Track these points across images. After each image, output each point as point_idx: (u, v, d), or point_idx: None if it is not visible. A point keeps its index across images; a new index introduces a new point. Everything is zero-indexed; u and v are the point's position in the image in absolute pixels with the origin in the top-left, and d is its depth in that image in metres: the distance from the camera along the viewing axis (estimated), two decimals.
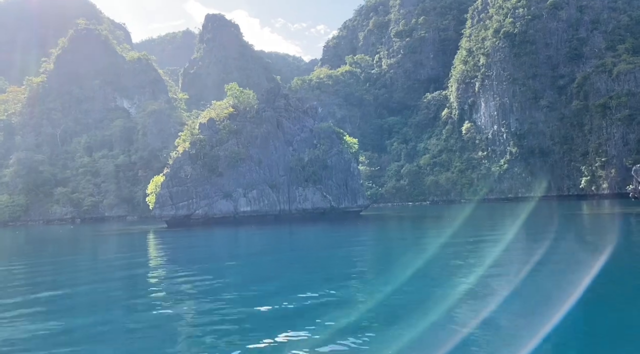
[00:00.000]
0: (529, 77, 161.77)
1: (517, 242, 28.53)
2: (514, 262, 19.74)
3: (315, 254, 28.07)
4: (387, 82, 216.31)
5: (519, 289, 13.82)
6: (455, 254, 23.45)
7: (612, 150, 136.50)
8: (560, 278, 15.63)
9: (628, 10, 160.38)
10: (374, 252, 28.45)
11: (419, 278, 16.52)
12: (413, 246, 29.45)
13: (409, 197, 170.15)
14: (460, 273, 17.19)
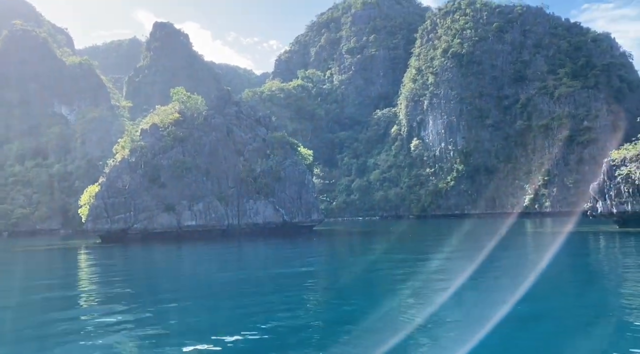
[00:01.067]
0: (476, 97, 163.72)
1: (456, 260, 28.21)
2: (451, 281, 19.39)
3: (265, 274, 24.58)
4: (338, 98, 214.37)
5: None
6: (401, 272, 22.82)
7: (554, 169, 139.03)
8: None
9: (567, 36, 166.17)
10: (327, 272, 25.46)
11: (375, 305, 14.94)
12: (366, 267, 26.12)
13: (359, 212, 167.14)
14: (409, 292, 17.02)
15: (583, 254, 30.50)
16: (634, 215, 43.44)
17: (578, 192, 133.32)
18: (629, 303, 14.54)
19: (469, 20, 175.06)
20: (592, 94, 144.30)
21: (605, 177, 46.11)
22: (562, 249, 33.42)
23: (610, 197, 44.92)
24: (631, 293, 16.45)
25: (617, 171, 44.61)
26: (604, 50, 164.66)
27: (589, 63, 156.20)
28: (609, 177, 45.72)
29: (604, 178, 46.14)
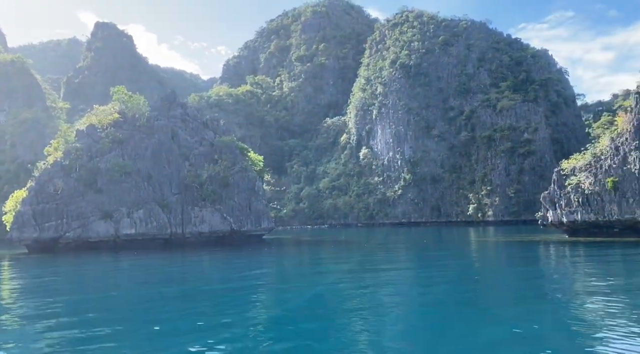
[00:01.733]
0: (423, 108, 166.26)
1: (404, 271, 27.54)
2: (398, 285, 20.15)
3: (207, 289, 21.96)
4: (288, 105, 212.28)
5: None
6: (350, 287, 21.48)
7: (496, 179, 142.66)
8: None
9: (509, 51, 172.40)
10: (276, 287, 23.14)
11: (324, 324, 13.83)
12: (316, 279, 24.42)
13: (308, 220, 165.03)
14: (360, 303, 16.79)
15: (533, 264, 29.71)
16: (584, 224, 43.75)
17: (519, 202, 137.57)
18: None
19: (417, 32, 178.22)
20: (531, 107, 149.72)
21: (555, 186, 46.35)
22: (514, 259, 32.62)
23: (560, 206, 45.14)
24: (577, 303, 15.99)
25: (567, 181, 44.94)
26: (542, 66, 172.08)
27: (529, 78, 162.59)
28: (559, 186, 45.98)
29: (554, 187, 46.36)
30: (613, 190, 41.60)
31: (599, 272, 24.66)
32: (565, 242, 42.98)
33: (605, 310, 14.41)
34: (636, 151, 40.95)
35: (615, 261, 29.83)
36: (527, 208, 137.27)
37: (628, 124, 42.10)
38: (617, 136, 43.45)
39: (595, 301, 15.73)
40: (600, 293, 17.70)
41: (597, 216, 42.55)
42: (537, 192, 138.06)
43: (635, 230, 41.60)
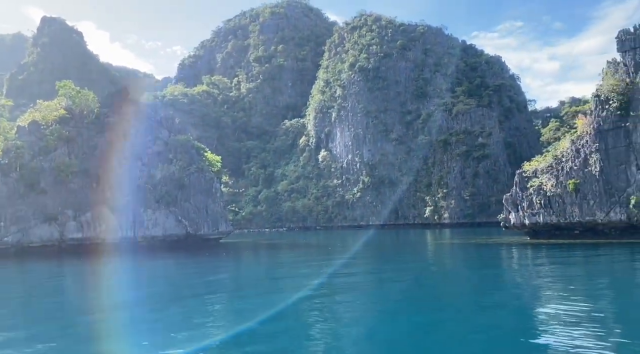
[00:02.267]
0: (381, 111, 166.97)
1: (365, 275, 27.05)
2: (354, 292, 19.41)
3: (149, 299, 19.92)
4: (245, 106, 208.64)
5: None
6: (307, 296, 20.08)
7: (452, 182, 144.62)
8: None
9: (464, 57, 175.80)
10: (232, 300, 20.73)
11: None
12: (280, 289, 22.78)
13: (266, 223, 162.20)
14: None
15: (495, 266, 29.07)
16: (545, 226, 43.85)
17: (474, 205, 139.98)
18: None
19: (375, 36, 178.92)
20: (486, 112, 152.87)
21: (517, 188, 46.35)
22: (479, 262, 31.87)
23: (522, 208, 45.14)
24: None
25: (529, 183, 44.99)
26: (495, 72, 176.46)
27: (483, 83, 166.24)
28: (521, 188, 46.01)
29: (516, 189, 46.37)
30: (574, 192, 41.81)
31: (562, 275, 24.31)
32: (527, 244, 42.88)
33: (569, 313, 14.24)
34: (596, 153, 41.29)
35: (576, 263, 29.54)
36: (482, 211, 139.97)
37: (588, 126, 42.47)
38: (578, 139, 43.80)
39: (558, 305, 15.45)
40: (561, 296, 17.52)
41: (559, 218, 42.70)
42: (491, 195, 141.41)
43: (596, 232, 41.93)
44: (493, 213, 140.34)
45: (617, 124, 41.01)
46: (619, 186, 40.29)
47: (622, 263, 28.63)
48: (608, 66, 42.74)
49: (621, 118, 40.88)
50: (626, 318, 13.68)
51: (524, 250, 38.39)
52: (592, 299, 16.82)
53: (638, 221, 39.05)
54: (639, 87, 40.25)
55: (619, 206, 39.95)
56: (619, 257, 31.77)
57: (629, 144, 40.37)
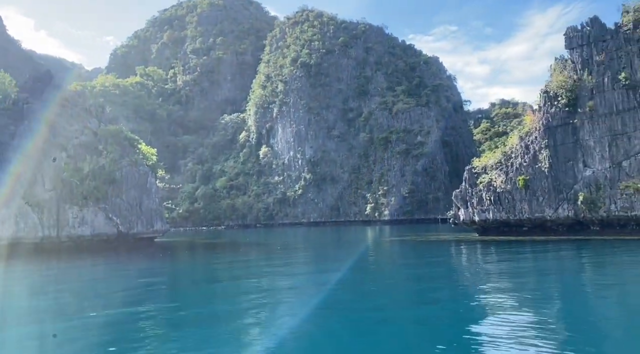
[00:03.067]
0: (323, 108, 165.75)
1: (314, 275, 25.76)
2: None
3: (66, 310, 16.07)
4: (182, 99, 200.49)
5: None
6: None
7: (392, 180, 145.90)
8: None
9: (404, 57, 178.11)
10: (168, 305, 18.13)
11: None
12: (227, 296, 19.79)
13: (204, 221, 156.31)
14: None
15: (444, 264, 27.86)
16: (495, 223, 43.55)
17: (412, 202, 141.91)
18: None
19: (317, 32, 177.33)
20: (424, 111, 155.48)
21: (466, 184, 45.81)
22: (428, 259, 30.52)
23: (472, 204, 44.63)
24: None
25: (479, 179, 44.56)
26: (434, 73, 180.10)
27: (422, 83, 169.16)
28: (471, 185, 45.50)
29: (466, 186, 45.81)
30: (524, 189, 41.67)
31: (512, 272, 23.50)
32: (476, 241, 42.34)
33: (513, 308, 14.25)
34: (546, 149, 41.31)
35: (525, 259, 28.83)
36: (420, 208, 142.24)
37: (537, 122, 42.48)
38: (526, 135, 43.77)
39: (503, 300, 15.36)
40: (507, 292, 17.49)
41: (508, 215, 42.46)
42: (429, 192, 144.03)
43: (544, 228, 42.02)
44: (431, 210, 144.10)
45: (565, 121, 41.28)
46: (567, 183, 40.53)
47: (570, 260, 28.19)
48: (556, 63, 43.03)
49: (569, 115, 41.18)
50: (566, 312, 13.80)
51: (473, 247, 37.66)
52: (536, 294, 16.86)
53: (585, 217, 39.40)
54: (586, 84, 40.65)
55: (567, 202, 40.19)
56: (566, 253, 31.49)
57: (577, 141, 40.71)
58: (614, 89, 39.42)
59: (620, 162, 38.51)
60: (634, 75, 38.96)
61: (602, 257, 28.43)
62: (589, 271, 23.49)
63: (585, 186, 39.55)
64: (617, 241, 35.08)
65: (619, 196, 37.79)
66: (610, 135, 39.06)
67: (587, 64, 41.16)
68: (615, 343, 10.50)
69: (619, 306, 14.50)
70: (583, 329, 11.65)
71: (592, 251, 31.77)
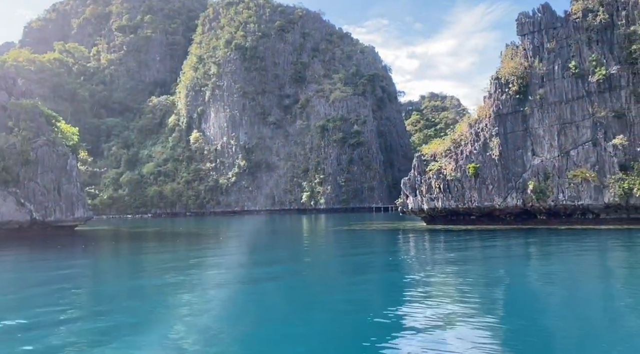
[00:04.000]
0: (259, 93, 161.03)
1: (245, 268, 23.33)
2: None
3: None
4: (106, 79, 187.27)
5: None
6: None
7: (328, 168, 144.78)
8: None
9: (341, 45, 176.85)
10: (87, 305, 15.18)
11: None
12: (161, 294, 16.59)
13: (129, 209, 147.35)
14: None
15: (393, 253, 26.08)
16: (443, 211, 42.59)
17: (348, 191, 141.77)
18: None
19: (252, 14, 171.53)
20: (361, 100, 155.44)
21: (415, 172, 44.53)
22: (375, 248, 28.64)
23: (421, 193, 43.42)
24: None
25: (429, 166, 43.38)
26: (370, 62, 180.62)
27: (358, 72, 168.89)
28: (420, 172, 44.27)
29: (414, 173, 44.53)
30: (474, 177, 40.92)
31: (461, 260, 22.29)
32: (424, 230, 41.17)
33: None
34: (496, 137, 40.70)
35: (473, 248, 27.63)
36: (355, 196, 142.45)
37: (488, 109, 41.80)
38: (476, 122, 43.03)
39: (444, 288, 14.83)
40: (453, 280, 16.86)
41: (457, 203, 41.60)
42: (364, 181, 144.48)
43: (492, 217, 41.59)
44: (365, 199, 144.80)
45: (515, 108, 40.88)
46: (516, 171, 40.22)
47: (519, 248, 27.39)
48: (507, 49, 42.54)
49: (520, 102, 40.80)
50: (503, 298, 13.54)
51: (420, 236, 36.33)
52: (480, 282, 16.38)
53: (533, 206, 39.27)
54: (537, 71, 40.38)
55: (516, 191, 39.89)
56: (515, 242, 30.77)
57: (526, 129, 40.45)
58: (564, 77, 39.39)
59: (569, 151, 38.61)
60: (582, 63, 39.09)
61: (548, 246, 27.84)
62: (535, 260, 22.77)
63: (534, 174, 39.40)
64: (564, 231, 35.05)
65: (566, 185, 37.87)
66: (559, 124, 39.05)
67: (538, 51, 40.92)
68: (553, 330, 10.24)
69: (563, 295, 14.07)
70: (521, 317, 11.29)
71: (539, 239, 31.21)
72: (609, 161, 36.98)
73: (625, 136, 36.55)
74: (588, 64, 38.66)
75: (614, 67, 37.63)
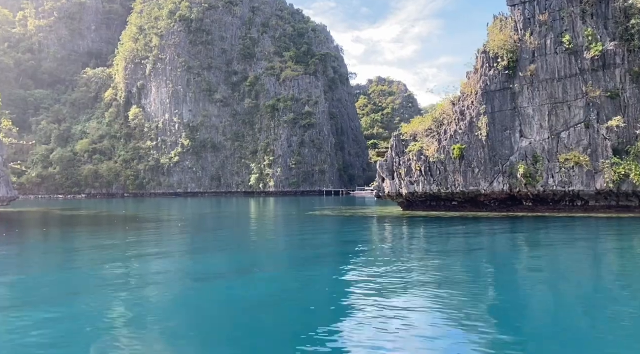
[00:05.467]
0: (205, 68, 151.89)
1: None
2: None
3: None
4: (34, 47, 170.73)
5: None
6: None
7: (278, 150, 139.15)
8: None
9: (292, 21, 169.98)
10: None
11: None
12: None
13: (60, 189, 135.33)
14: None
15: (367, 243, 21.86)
16: (423, 196, 38.71)
17: (299, 173, 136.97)
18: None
19: None
20: (312, 80, 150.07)
21: (393, 153, 40.28)
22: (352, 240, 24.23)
23: (399, 175, 39.32)
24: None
25: (409, 147, 39.24)
26: (321, 41, 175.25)
27: (310, 51, 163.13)
28: (398, 153, 40.08)
29: (392, 154, 40.27)
30: (458, 159, 37.19)
31: (448, 252, 18.01)
32: (401, 217, 37.14)
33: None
34: (484, 115, 37.10)
35: (459, 236, 23.76)
36: (305, 179, 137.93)
37: (474, 85, 38.05)
38: (459, 99, 39.25)
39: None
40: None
41: (440, 187, 37.80)
42: (315, 164, 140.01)
43: (475, 203, 38.18)
44: (316, 182, 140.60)
45: (504, 85, 37.32)
46: (503, 154, 36.84)
47: (506, 238, 23.63)
48: (495, 21, 38.81)
49: (508, 78, 37.28)
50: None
51: (397, 223, 32.19)
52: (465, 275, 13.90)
53: (520, 192, 36.12)
54: (527, 45, 36.93)
55: (502, 175, 36.58)
56: (500, 230, 27.18)
57: (515, 108, 37.05)
58: (556, 52, 36.15)
59: (559, 133, 35.59)
60: (576, 38, 35.99)
61: (536, 235, 24.35)
62: (524, 251, 19.50)
63: (522, 157, 36.19)
64: (551, 218, 32.07)
65: (557, 170, 34.90)
66: (550, 103, 35.89)
67: (529, 24, 37.43)
68: (539, 325, 8.89)
69: (552, 288, 12.21)
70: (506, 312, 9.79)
71: (526, 228, 27.77)
72: (602, 144, 34.27)
73: (620, 117, 33.95)
74: (582, 39, 35.63)
75: (610, 44, 34.79)
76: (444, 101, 40.68)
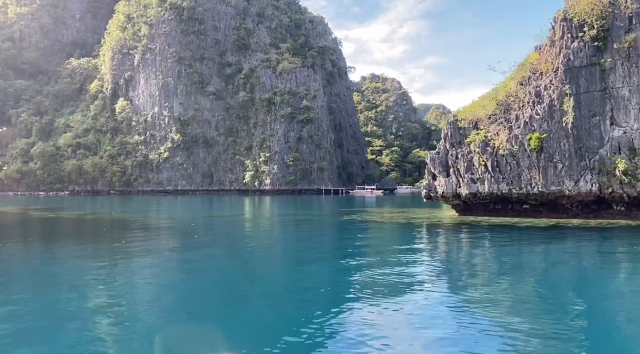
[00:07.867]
0: (197, 59, 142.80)
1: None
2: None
3: None
4: (15, 36, 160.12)
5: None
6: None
7: (275, 146, 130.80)
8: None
9: (289, 12, 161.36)
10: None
11: None
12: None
13: (42, 185, 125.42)
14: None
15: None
16: (488, 198, 30.86)
17: (296, 171, 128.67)
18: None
19: None
20: (311, 74, 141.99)
21: (447, 144, 32.46)
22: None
23: (457, 172, 31.59)
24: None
25: (469, 137, 31.45)
26: (319, 33, 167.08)
27: (307, 43, 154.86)
28: (454, 144, 32.28)
29: (446, 146, 32.48)
30: (537, 151, 29.45)
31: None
32: (462, 225, 29.29)
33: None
34: (569, 98, 29.36)
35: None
36: (304, 177, 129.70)
37: (552, 61, 30.31)
38: (530, 79, 31.49)
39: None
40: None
41: (511, 187, 30.06)
42: (313, 161, 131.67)
43: (552, 207, 30.44)
44: (314, 180, 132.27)
45: (591, 60, 29.68)
46: (591, 145, 29.24)
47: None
48: None
49: (597, 52, 29.64)
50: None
51: (471, 235, 24.30)
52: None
53: (614, 193, 28.52)
54: (622, 10, 29.34)
55: (590, 172, 28.98)
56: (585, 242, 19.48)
57: (604, 89, 29.44)
58: None
59: None
60: None
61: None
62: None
63: (614, 150, 28.62)
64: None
65: None
66: None
67: None
68: None
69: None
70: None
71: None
72: None
73: None
74: None
75: None
76: (508, 81, 32.89)
